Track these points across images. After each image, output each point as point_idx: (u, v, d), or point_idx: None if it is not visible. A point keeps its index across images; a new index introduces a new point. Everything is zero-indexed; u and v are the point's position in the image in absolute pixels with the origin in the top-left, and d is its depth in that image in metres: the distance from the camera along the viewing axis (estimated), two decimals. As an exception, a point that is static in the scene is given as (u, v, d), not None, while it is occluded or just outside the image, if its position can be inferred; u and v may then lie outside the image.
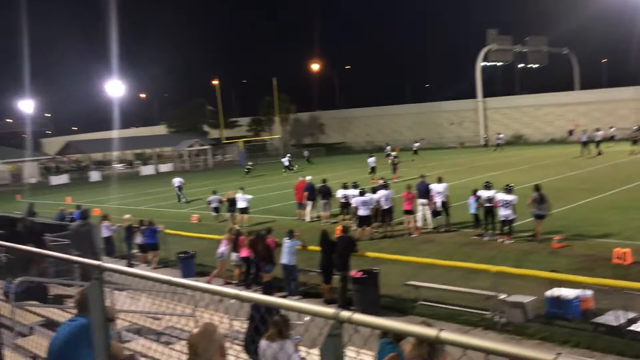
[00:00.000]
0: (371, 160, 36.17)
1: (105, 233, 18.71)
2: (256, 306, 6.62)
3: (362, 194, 18.85)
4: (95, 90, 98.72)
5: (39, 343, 6.02)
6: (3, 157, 65.18)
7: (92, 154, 75.58)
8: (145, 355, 4.86)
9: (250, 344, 6.79)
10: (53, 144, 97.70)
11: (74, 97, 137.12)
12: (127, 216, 19.52)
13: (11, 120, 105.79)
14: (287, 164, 48.47)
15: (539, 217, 16.07)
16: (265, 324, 6.19)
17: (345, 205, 20.59)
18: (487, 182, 17.46)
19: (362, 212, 18.43)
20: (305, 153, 60.17)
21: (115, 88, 77.39)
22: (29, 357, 5.91)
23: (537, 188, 16.44)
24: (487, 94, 70.51)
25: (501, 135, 56.98)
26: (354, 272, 12.09)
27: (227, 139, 69.35)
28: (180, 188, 33.34)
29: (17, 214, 20.04)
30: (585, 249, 14.89)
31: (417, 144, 52.78)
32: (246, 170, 47.88)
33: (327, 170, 42.93)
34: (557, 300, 10.28)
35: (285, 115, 79.11)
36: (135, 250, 18.44)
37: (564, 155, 42.68)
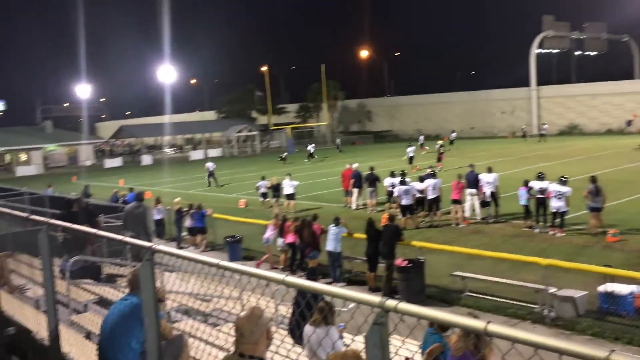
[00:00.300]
0: (410, 150, 36.18)
1: (157, 216, 19.18)
2: (302, 292, 6.68)
3: (402, 183, 18.76)
4: (148, 76, 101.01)
5: (93, 320, 6.24)
6: (60, 140, 67.60)
7: (144, 138, 77.43)
8: (193, 336, 4.98)
9: (296, 329, 6.86)
10: (107, 128, 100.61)
11: (128, 83, 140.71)
12: (177, 200, 19.99)
13: (68, 104, 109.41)
14: (312, 151, 48.70)
15: (594, 209, 15.54)
16: (310, 309, 6.24)
17: (392, 193, 20.48)
18: (540, 173, 17.02)
19: (404, 201, 18.37)
20: (338, 141, 60.24)
21: (167, 74, 78.92)
22: (83, 333, 6.14)
23: (593, 180, 15.84)
24: (541, 82, 68.50)
25: (545, 126, 55.29)
26: (399, 261, 12.04)
27: (275, 125, 69.84)
28: (212, 173, 34.19)
29: (73, 195, 20.78)
30: (641, 244, 14.36)
31: (453, 134, 52.04)
32: (279, 158, 47.64)
33: (362, 158, 42.68)
34: (610, 296, 9.97)
35: (333, 102, 78.97)
36: (184, 233, 18.87)
37: (621, 146, 41.16)
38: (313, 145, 50.99)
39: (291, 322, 7.61)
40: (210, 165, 35.23)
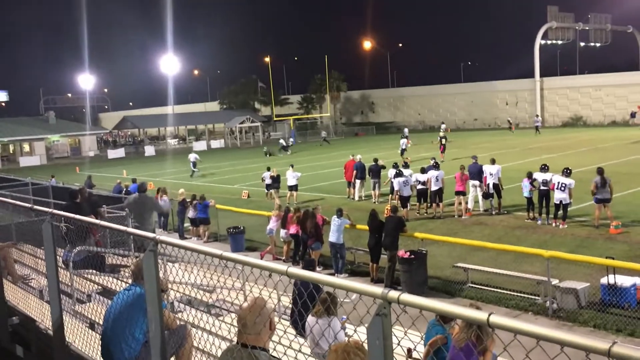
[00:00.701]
0: (402, 142, 36.43)
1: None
2: (304, 282, 6.69)
3: (398, 174, 18.83)
4: (151, 67, 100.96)
5: (96, 310, 6.26)
6: (64, 131, 67.63)
7: (147, 129, 77.40)
8: (196, 326, 5.00)
9: (298, 320, 6.89)
10: (110, 119, 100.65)
11: (131, 74, 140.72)
12: (181, 191, 20.00)
13: (71, 95, 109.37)
14: (283, 144, 48.44)
15: (600, 201, 15.46)
16: (312, 300, 6.26)
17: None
18: (543, 165, 16.95)
19: (405, 192, 18.50)
20: (323, 134, 60.23)
21: (170, 65, 78.76)
22: (86, 323, 6.17)
23: (600, 171, 15.73)
24: (545, 73, 68.17)
25: (539, 118, 55.06)
26: (402, 252, 12.05)
27: (278, 116, 69.78)
28: (194, 164, 34.79)
29: (76, 186, 20.81)
30: (644, 236, 14.33)
31: (443, 126, 52.04)
32: (265, 152, 46.76)
33: (349, 151, 42.63)
34: (612, 288, 9.97)
35: (336, 93, 78.80)
36: (186, 224, 18.89)
37: (625, 138, 41.00)
38: (292, 140, 50.51)
39: (293, 312, 7.64)
40: (192, 156, 36.29)
